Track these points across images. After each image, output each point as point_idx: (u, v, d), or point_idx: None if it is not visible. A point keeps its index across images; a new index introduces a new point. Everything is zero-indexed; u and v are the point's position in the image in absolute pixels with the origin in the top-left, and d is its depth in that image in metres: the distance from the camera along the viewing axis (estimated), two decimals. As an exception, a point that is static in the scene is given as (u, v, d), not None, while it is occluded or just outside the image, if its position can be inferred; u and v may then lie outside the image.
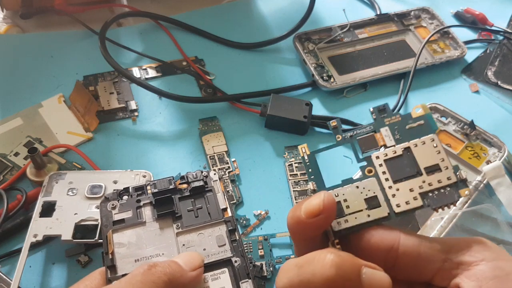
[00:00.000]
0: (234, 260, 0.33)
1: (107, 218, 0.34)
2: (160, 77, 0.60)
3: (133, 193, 0.36)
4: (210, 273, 0.32)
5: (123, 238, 0.33)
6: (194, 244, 0.33)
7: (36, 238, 0.41)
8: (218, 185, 0.37)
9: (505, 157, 0.51)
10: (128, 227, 0.34)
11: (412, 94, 0.59)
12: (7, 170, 0.49)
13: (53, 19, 0.65)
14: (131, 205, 0.35)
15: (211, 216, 0.35)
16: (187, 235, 0.34)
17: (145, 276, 0.27)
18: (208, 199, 0.36)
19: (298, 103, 0.54)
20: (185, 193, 0.36)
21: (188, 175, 0.37)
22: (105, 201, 0.35)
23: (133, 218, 0.34)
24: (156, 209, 0.35)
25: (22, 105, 0.55)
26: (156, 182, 0.36)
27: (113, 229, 0.33)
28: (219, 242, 0.34)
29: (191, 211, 0.35)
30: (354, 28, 0.65)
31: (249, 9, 0.69)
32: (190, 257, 0.31)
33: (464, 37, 0.65)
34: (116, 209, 0.35)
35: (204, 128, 0.54)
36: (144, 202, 0.35)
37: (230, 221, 0.35)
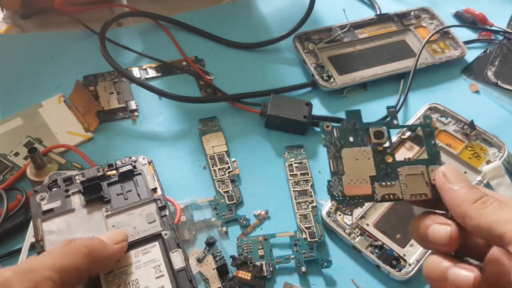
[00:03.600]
0: (164, 233, 0.35)
1: (36, 209, 0.36)
2: (160, 77, 0.60)
3: (61, 184, 0.38)
4: (140, 248, 0.34)
5: (53, 226, 0.35)
6: (124, 224, 0.36)
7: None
8: (147, 168, 0.39)
9: (505, 157, 0.51)
10: (57, 215, 0.36)
11: (412, 94, 0.59)
12: (7, 170, 0.49)
13: (53, 19, 0.65)
14: (59, 195, 0.37)
15: (141, 196, 0.37)
16: (116, 216, 0.36)
17: (64, 248, 0.29)
18: (137, 182, 0.38)
19: (298, 103, 0.54)
20: (114, 178, 0.38)
21: (116, 162, 0.39)
22: (34, 193, 0.37)
23: (62, 207, 0.36)
24: (84, 195, 0.37)
25: (22, 105, 0.55)
26: (85, 172, 0.38)
27: (42, 218, 0.35)
28: (149, 219, 0.36)
29: (120, 194, 0.37)
30: (354, 28, 0.65)
31: (249, 9, 0.69)
32: (113, 233, 0.34)
33: (464, 37, 0.65)
34: (44, 200, 0.37)
35: (204, 128, 0.54)
36: (72, 191, 0.37)
37: (159, 199, 0.37)
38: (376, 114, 0.55)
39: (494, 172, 0.49)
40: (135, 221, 0.36)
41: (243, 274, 0.42)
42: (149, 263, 0.34)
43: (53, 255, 0.29)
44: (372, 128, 0.34)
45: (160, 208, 0.37)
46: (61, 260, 0.28)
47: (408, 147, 0.52)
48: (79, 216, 0.36)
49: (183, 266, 0.34)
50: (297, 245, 0.45)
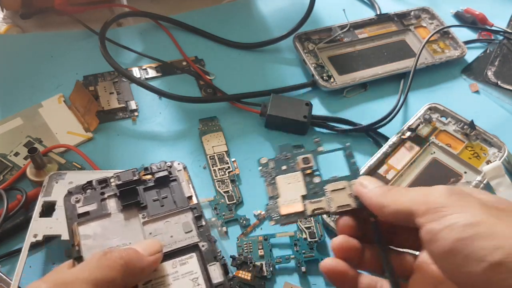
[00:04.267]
0: (201, 245, 0.34)
1: (71, 211, 0.35)
2: (160, 77, 0.60)
3: (97, 186, 0.36)
4: (178, 259, 0.33)
5: (89, 230, 0.34)
6: (161, 232, 0.34)
7: (36, 238, 0.41)
8: (183, 175, 0.38)
9: (505, 157, 0.51)
10: (93, 219, 0.34)
11: (412, 94, 0.59)
12: (7, 170, 0.49)
13: (53, 19, 0.65)
14: (95, 198, 0.36)
15: (177, 204, 0.36)
16: (153, 223, 0.35)
17: (101, 260, 0.28)
18: (173, 188, 0.37)
19: (298, 103, 0.54)
20: (150, 183, 0.37)
21: (152, 166, 0.38)
22: (68, 195, 0.35)
23: (98, 210, 0.35)
24: (120, 200, 0.35)
25: (22, 105, 0.55)
26: (120, 175, 0.36)
27: (78, 221, 0.34)
28: (185, 228, 0.35)
29: (156, 200, 0.36)
30: (354, 28, 0.65)
31: (249, 9, 0.69)
32: (148, 243, 0.32)
33: (464, 37, 0.65)
34: (80, 202, 0.35)
35: (204, 128, 0.54)
36: (108, 194, 0.36)
37: (196, 208, 0.36)
38: (376, 114, 0.55)
39: (494, 172, 0.49)
40: (172, 229, 0.34)
41: (243, 274, 0.42)
42: (186, 275, 0.33)
43: (90, 267, 0.28)
44: (299, 156, 0.41)
45: (196, 218, 0.35)
46: (97, 273, 0.28)
47: (408, 147, 0.52)
48: (115, 221, 0.35)
49: (222, 281, 0.33)
50: (297, 245, 0.45)
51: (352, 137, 0.55)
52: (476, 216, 0.27)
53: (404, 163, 0.51)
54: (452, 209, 0.28)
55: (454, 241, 0.27)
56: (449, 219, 0.28)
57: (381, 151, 0.52)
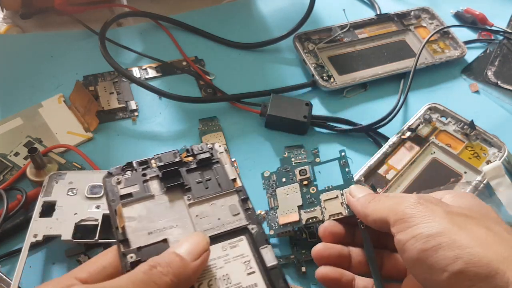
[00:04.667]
0: (251, 228, 0.32)
1: (113, 193, 0.33)
2: (160, 77, 0.60)
3: (138, 167, 0.35)
4: (228, 241, 0.32)
5: (133, 212, 0.32)
6: (208, 214, 0.33)
7: (36, 238, 0.41)
8: (225, 157, 0.36)
9: (505, 157, 0.51)
10: (136, 200, 0.33)
11: (412, 94, 0.59)
12: (7, 170, 0.49)
13: (53, 19, 0.65)
14: (136, 179, 0.34)
15: (222, 186, 0.35)
16: (199, 206, 0.33)
17: (147, 275, 0.27)
18: (216, 171, 0.35)
19: (298, 103, 0.54)
20: (192, 165, 0.35)
21: (193, 148, 0.36)
22: (109, 176, 0.34)
23: (141, 192, 0.33)
24: (163, 182, 0.34)
25: (22, 105, 0.55)
26: (161, 156, 0.35)
27: (122, 203, 0.32)
28: (232, 211, 0.33)
29: (200, 182, 0.34)
30: (354, 28, 0.65)
31: (249, 9, 0.69)
32: (192, 245, 0.30)
33: (464, 37, 0.65)
34: (121, 184, 0.34)
35: (204, 128, 0.54)
36: (150, 175, 0.34)
37: (241, 191, 0.34)
38: (376, 114, 0.55)
39: (494, 172, 0.49)
40: (219, 212, 0.33)
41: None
42: (238, 258, 0.31)
43: (136, 282, 0.26)
44: (296, 168, 0.44)
45: (242, 200, 0.34)
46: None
47: (408, 147, 0.52)
48: (159, 203, 0.33)
49: (276, 264, 0.31)
50: (297, 245, 0.45)
51: (352, 137, 0.55)
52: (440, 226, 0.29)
53: (404, 163, 0.51)
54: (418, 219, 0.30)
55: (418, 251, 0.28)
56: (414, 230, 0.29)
57: (381, 151, 0.52)
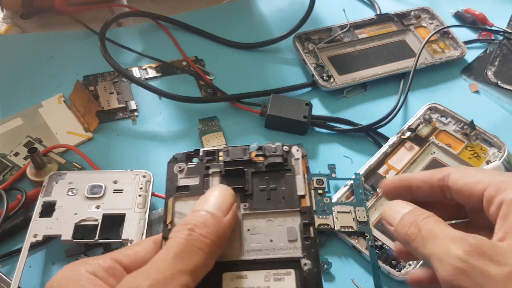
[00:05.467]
0: (303, 263, 0.27)
1: (172, 181, 0.30)
2: (160, 77, 0.60)
3: (204, 157, 0.31)
4: (273, 271, 0.27)
5: (185, 208, 0.29)
6: (261, 231, 0.29)
7: (36, 238, 0.41)
8: (300, 165, 0.31)
9: (505, 157, 0.51)
10: (191, 195, 0.30)
11: (412, 94, 0.59)
12: (7, 170, 0.49)
13: (53, 19, 0.65)
14: (199, 171, 0.31)
15: (285, 201, 0.30)
16: (254, 219, 0.29)
17: (190, 242, 0.25)
18: (285, 180, 0.31)
19: (298, 103, 0.54)
20: (260, 168, 0.31)
21: (266, 147, 0.32)
22: (173, 161, 0.31)
23: (199, 187, 0.30)
24: (225, 181, 0.30)
25: (22, 105, 0.55)
26: (230, 149, 0.31)
27: (176, 195, 0.30)
28: (290, 235, 0.28)
29: (263, 190, 0.30)
30: (354, 28, 0.65)
31: (249, 9, 0.69)
32: (219, 198, 0.28)
33: (464, 37, 0.65)
34: (183, 173, 0.31)
35: (204, 128, 0.54)
36: (213, 170, 0.31)
37: (307, 213, 0.29)
38: (376, 114, 0.55)
39: (494, 172, 0.49)
40: (274, 232, 0.28)
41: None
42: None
43: (183, 254, 0.25)
44: (315, 177, 0.46)
45: (304, 225, 0.29)
46: (192, 260, 0.25)
47: (408, 147, 0.52)
48: None
49: None
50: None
51: (352, 137, 0.55)
52: None
53: (404, 163, 0.51)
54: None
55: None
56: None
57: (381, 151, 0.52)
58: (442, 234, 0.26)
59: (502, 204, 0.27)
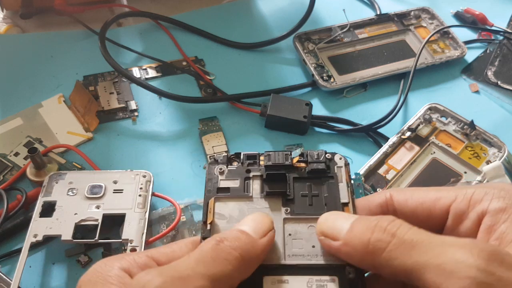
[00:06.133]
0: (348, 271, 0.26)
1: (213, 183, 0.30)
2: (160, 77, 0.60)
3: (245, 160, 0.31)
4: (315, 277, 0.26)
5: (225, 209, 0.29)
6: (303, 236, 0.28)
7: (36, 238, 0.41)
8: (343, 173, 0.31)
9: (505, 157, 0.51)
10: (232, 198, 0.30)
11: (412, 94, 0.59)
12: (7, 170, 0.49)
13: (53, 19, 0.65)
14: (239, 173, 0.31)
15: (328, 208, 0.29)
16: (296, 224, 0.29)
17: (216, 251, 0.24)
18: (327, 187, 0.30)
19: (298, 103, 0.54)
20: (302, 174, 0.31)
21: (309, 153, 0.31)
22: (214, 163, 0.31)
23: (239, 190, 0.30)
24: (266, 184, 0.30)
25: (22, 105, 0.55)
26: (271, 154, 0.31)
27: (216, 196, 0.30)
28: None
29: (305, 196, 0.30)
30: (354, 28, 0.65)
31: (249, 9, 0.69)
32: (257, 223, 0.27)
33: (464, 37, 0.65)
34: (223, 174, 0.31)
35: (204, 128, 0.54)
36: (254, 173, 0.31)
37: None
38: (376, 114, 0.55)
39: (494, 172, 0.49)
40: (316, 238, 0.28)
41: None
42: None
43: (205, 259, 0.24)
44: None
45: None
46: (214, 267, 0.24)
47: (408, 147, 0.52)
48: (255, 207, 0.29)
49: None
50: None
51: (352, 137, 0.55)
52: None
53: (404, 163, 0.51)
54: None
55: None
56: None
57: (381, 151, 0.52)
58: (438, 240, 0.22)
59: (484, 216, 0.24)
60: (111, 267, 0.24)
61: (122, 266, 0.24)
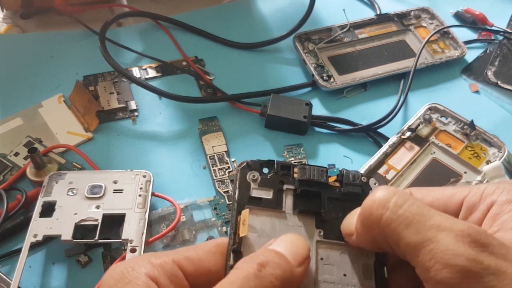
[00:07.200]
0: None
1: (244, 190, 0.28)
2: (160, 77, 0.60)
3: (278, 170, 0.28)
4: None
5: (257, 222, 0.27)
6: (334, 263, 0.26)
7: (36, 238, 0.41)
8: None
9: (505, 157, 0.51)
10: (264, 210, 0.27)
11: (412, 94, 0.59)
12: (7, 170, 0.49)
13: (53, 19, 0.65)
14: (273, 184, 0.28)
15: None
16: (328, 249, 0.27)
17: (259, 280, 0.22)
18: None
19: (298, 103, 0.54)
20: (337, 194, 0.28)
21: (345, 173, 0.29)
22: (246, 168, 0.28)
23: (272, 202, 0.27)
24: (298, 201, 0.28)
25: (22, 105, 0.55)
26: (306, 168, 0.28)
27: (250, 207, 0.27)
28: (365, 273, 0.26)
29: (337, 219, 0.28)
30: (354, 28, 0.65)
31: (249, 9, 0.69)
32: (295, 246, 0.25)
33: (464, 37, 0.65)
34: (256, 182, 0.28)
35: (204, 128, 0.54)
36: (287, 187, 0.28)
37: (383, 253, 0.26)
38: (376, 114, 0.55)
39: (494, 172, 0.49)
40: (347, 267, 0.26)
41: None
42: None
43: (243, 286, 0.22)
44: None
45: (381, 264, 0.26)
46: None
47: (408, 147, 0.52)
48: (287, 224, 0.27)
49: None
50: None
51: (352, 137, 0.55)
52: None
53: (404, 163, 0.51)
54: None
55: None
56: None
57: (381, 151, 0.52)
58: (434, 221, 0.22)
59: (492, 206, 0.25)
60: (138, 273, 0.23)
61: (149, 273, 0.23)
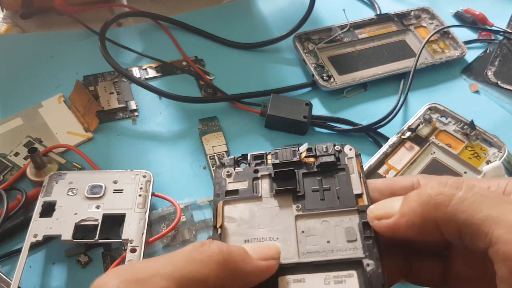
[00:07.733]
0: (365, 263, 0.25)
1: (220, 186, 0.30)
2: (160, 77, 0.60)
3: (252, 161, 0.31)
4: (332, 274, 0.26)
5: (235, 212, 0.28)
6: (316, 233, 0.27)
7: (36, 238, 0.41)
8: (354, 164, 0.30)
9: (505, 157, 0.51)
10: (241, 200, 0.29)
11: (412, 94, 0.59)
12: (7, 170, 0.49)
13: (53, 19, 0.65)
14: (247, 175, 0.30)
15: (340, 201, 0.28)
16: (308, 220, 0.28)
17: (192, 253, 0.23)
18: (339, 180, 0.29)
19: (298, 103, 0.54)
20: (311, 168, 0.30)
21: (317, 147, 0.30)
22: (221, 166, 0.31)
23: (248, 191, 0.29)
24: (274, 183, 0.29)
25: (22, 105, 0.55)
26: (278, 152, 0.30)
27: (225, 200, 0.29)
28: (348, 235, 0.27)
29: (316, 191, 0.29)
30: (354, 28, 0.65)
31: (249, 9, 0.69)
32: (261, 246, 0.26)
33: (464, 37, 0.65)
34: (231, 177, 0.30)
35: (204, 128, 0.54)
36: (262, 173, 0.30)
37: (365, 211, 0.27)
38: (376, 114, 0.55)
39: (494, 172, 0.49)
40: (330, 233, 0.27)
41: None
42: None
43: (176, 260, 0.22)
44: None
45: (364, 224, 0.27)
46: (184, 268, 0.22)
47: (408, 147, 0.52)
48: (265, 207, 0.29)
49: None
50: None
51: (352, 137, 0.55)
52: None
53: (404, 163, 0.51)
54: None
55: None
56: None
57: (381, 151, 0.52)
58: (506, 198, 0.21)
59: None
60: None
61: None
